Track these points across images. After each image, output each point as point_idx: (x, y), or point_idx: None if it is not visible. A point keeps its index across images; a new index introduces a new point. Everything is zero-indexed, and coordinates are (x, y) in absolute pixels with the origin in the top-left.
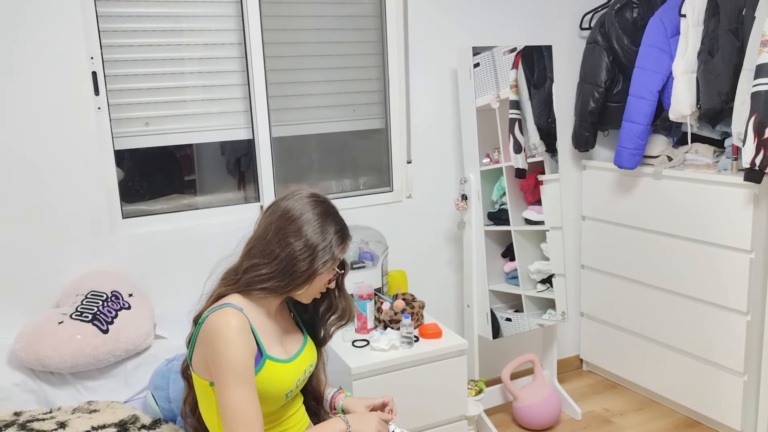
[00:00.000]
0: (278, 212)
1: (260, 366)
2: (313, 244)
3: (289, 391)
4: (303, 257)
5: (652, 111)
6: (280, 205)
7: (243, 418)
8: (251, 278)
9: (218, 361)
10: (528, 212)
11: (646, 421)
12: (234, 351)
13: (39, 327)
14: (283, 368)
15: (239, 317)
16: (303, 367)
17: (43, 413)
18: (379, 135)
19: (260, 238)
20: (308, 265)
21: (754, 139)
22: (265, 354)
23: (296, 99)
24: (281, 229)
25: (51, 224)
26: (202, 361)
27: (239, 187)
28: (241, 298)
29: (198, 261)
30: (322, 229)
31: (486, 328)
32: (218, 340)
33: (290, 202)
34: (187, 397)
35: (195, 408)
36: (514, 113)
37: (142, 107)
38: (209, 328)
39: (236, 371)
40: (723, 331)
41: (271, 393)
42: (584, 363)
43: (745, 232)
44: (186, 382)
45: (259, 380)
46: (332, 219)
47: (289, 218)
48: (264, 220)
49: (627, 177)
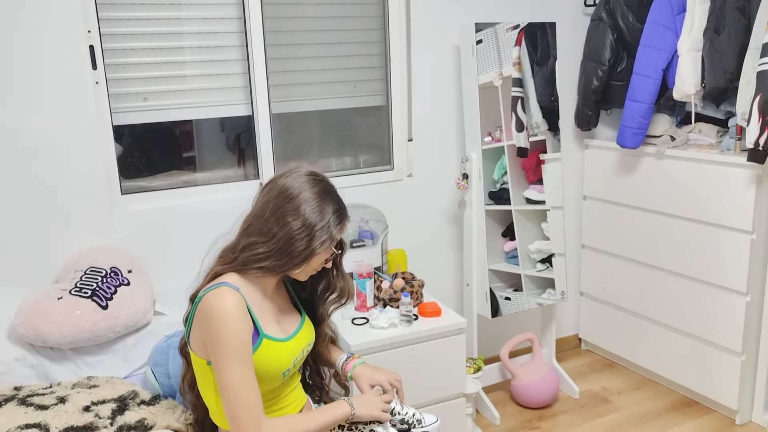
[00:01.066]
0: (276, 190)
1: (257, 345)
2: (311, 223)
3: (286, 370)
4: (300, 237)
5: (656, 90)
6: (278, 182)
7: (242, 398)
8: (248, 257)
9: (216, 341)
10: (529, 192)
11: (643, 400)
12: (231, 331)
13: (38, 303)
14: (281, 347)
15: (235, 297)
16: (300, 346)
17: (43, 388)
18: (380, 112)
19: (257, 216)
20: (306, 245)
21: (758, 119)
22: (262, 333)
23: (296, 75)
24: (279, 207)
25: (50, 200)
26: (199, 340)
27: (239, 163)
28: (237, 277)
29: (197, 238)
30: (321, 208)
31: (485, 307)
32: (215, 320)
33: (288, 180)
34: (185, 374)
35: (193, 385)
36: (516, 91)
37: (140, 82)
38: (206, 308)
39: (234, 351)
40: (722, 312)
41: (268, 372)
42: (583, 342)
43: (746, 212)
44: (184, 360)
45: (256, 359)
46: (330, 198)
47: (287, 197)
48: (261, 198)
49: (629, 156)
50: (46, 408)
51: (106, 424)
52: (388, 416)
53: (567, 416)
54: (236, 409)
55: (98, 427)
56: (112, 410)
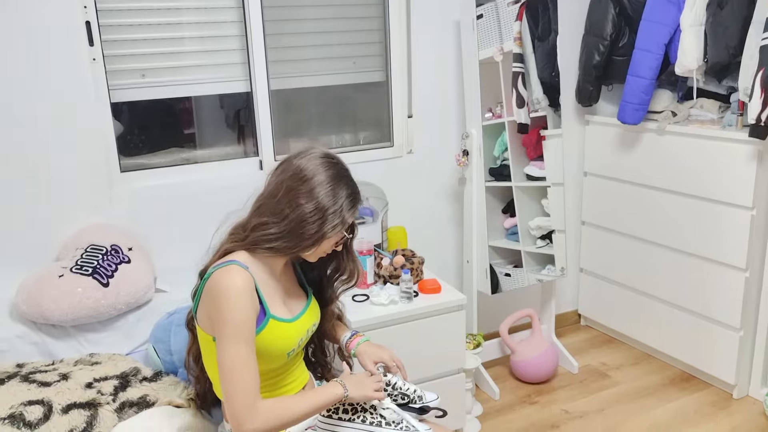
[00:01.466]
0: (290, 171)
1: (263, 325)
2: (324, 207)
3: (291, 350)
4: (312, 220)
5: (657, 65)
6: (293, 163)
7: (239, 377)
8: (259, 236)
9: (220, 318)
10: (530, 168)
11: (641, 375)
12: (236, 310)
13: (40, 280)
14: (286, 327)
15: (244, 276)
16: (306, 326)
17: (45, 365)
18: (380, 88)
19: (270, 196)
20: (317, 228)
21: (761, 95)
22: (269, 313)
23: (295, 51)
24: (292, 189)
25: (49, 178)
26: (206, 317)
27: (238, 141)
28: (247, 255)
29: (197, 215)
30: (334, 192)
31: (485, 284)
32: (222, 297)
33: (303, 161)
34: (190, 348)
35: (198, 358)
36: (517, 67)
37: (137, 59)
38: (214, 285)
39: (237, 330)
40: (721, 287)
41: (273, 351)
42: (582, 318)
43: (747, 188)
44: (190, 333)
45: (261, 339)
46: (344, 182)
47: (301, 178)
48: (275, 178)
49: (630, 132)
50: (48, 385)
51: (108, 401)
52: (382, 395)
53: (566, 391)
54: (233, 388)
55: (101, 404)
56: (114, 387)
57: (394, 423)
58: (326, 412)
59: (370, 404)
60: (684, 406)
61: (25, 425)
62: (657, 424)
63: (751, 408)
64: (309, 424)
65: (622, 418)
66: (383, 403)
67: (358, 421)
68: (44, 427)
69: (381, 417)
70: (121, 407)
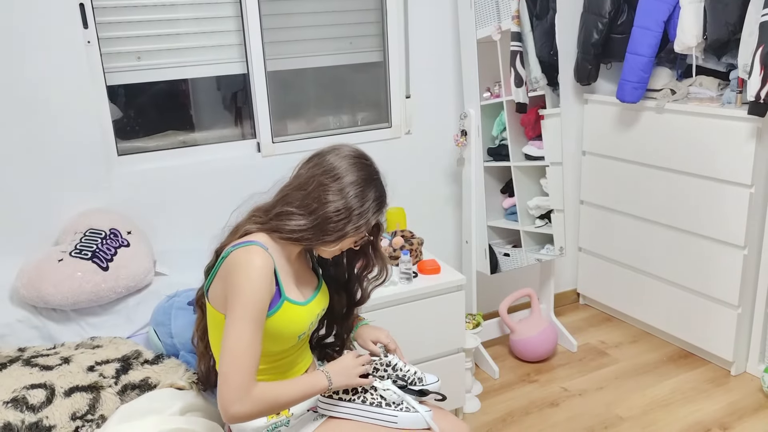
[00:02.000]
0: (323, 166)
1: (278, 306)
2: (351, 207)
3: (302, 333)
4: (338, 218)
5: (657, 42)
6: (326, 158)
7: (240, 356)
8: (281, 224)
9: (235, 296)
10: (528, 148)
11: (640, 353)
12: (252, 290)
13: (39, 265)
14: (299, 310)
15: (265, 257)
16: (316, 311)
17: (47, 349)
18: (377, 69)
19: (299, 188)
20: (341, 227)
21: (760, 72)
22: (284, 295)
23: (291, 31)
24: (322, 185)
25: (46, 162)
26: (221, 295)
27: (236, 123)
28: (267, 237)
29: (196, 198)
30: (363, 193)
31: (484, 264)
32: (240, 275)
33: (336, 159)
34: (198, 325)
35: (204, 336)
36: (515, 45)
37: (133, 41)
38: (233, 263)
39: (249, 310)
40: (719, 265)
41: (285, 333)
42: (581, 297)
43: (746, 166)
44: (199, 310)
45: (276, 320)
46: (374, 185)
47: (333, 176)
48: (306, 171)
49: (629, 111)
50: (50, 368)
51: (110, 383)
52: (368, 380)
53: (565, 369)
54: (231, 367)
55: (103, 387)
56: (116, 370)
57: (394, 404)
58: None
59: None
60: (682, 383)
61: (28, 408)
62: (655, 401)
63: (748, 384)
64: (310, 405)
65: (620, 395)
66: (384, 384)
67: (358, 401)
68: (47, 410)
69: (381, 398)
70: (123, 390)
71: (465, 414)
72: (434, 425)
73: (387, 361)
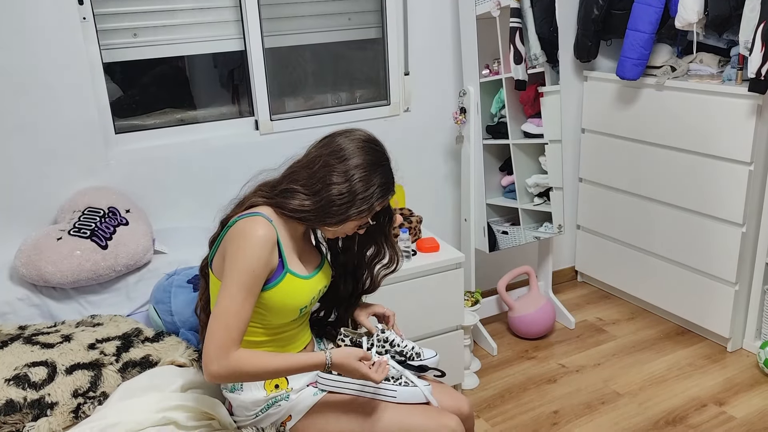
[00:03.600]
0: (331, 147)
1: (281, 278)
2: (354, 190)
3: (304, 306)
4: (340, 201)
5: (657, 18)
6: (336, 140)
7: (226, 320)
8: (285, 201)
9: (232, 261)
10: (527, 125)
11: (637, 330)
12: (250, 257)
13: (38, 243)
14: (301, 284)
15: (268, 228)
16: (318, 286)
17: (47, 327)
18: (376, 45)
19: (306, 166)
20: (344, 210)
21: (761, 48)
22: (287, 267)
23: (289, 7)
24: (328, 165)
25: (44, 140)
26: (222, 262)
27: (233, 101)
28: (272, 211)
29: (194, 176)
30: (368, 178)
31: (483, 242)
32: (241, 242)
33: (346, 141)
34: (202, 294)
35: (207, 305)
36: (515, 22)
37: (129, 17)
38: (236, 231)
39: (241, 276)
40: (717, 243)
41: (288, 305)
42: (579, 274)
43: (745, 144)
44: (203, 280)
45: (277, 291)
46: (381, 171)
47: (340, 157)
48: (316, 150)
49: (629, 88)
50: (51, 346)
51: (111, 361)
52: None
53: (563, 346)
54: (216, 328)
55: (104, 364)
56: (117, 347)
57: (393, 379)
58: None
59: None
60: (679, 359)
61: (30, 386)
62: (652, 377)
63: (744, 360)
64: (310, 380)
65: (617, 371)
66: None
67: None
68: (49, 387)
69: None
70: (125, 367)
71: (463, 390)
72: (433, 399)
73: (384, 337)
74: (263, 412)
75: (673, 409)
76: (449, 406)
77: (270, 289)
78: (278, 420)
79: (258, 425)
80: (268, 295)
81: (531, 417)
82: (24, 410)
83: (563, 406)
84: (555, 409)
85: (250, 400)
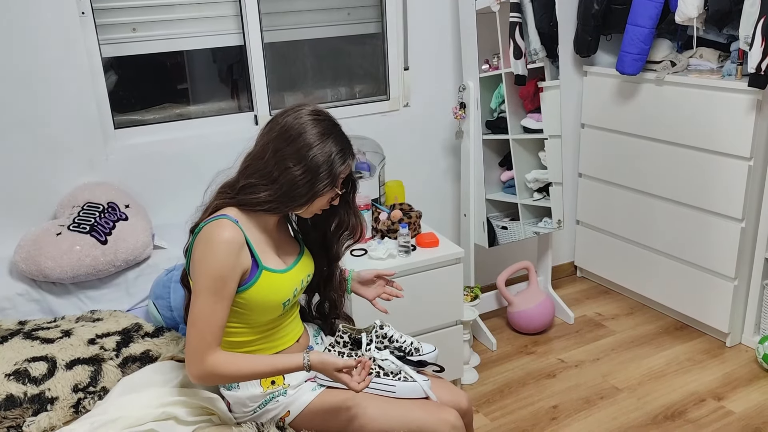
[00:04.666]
0: (276, 131)
1: (257, 277)
2: (313, 167)
3: (286, 301)
4: (303, 182)
5: (658, 13)
6: (279, 121)
7: (199, 327)
8: (247, 198)
9: (198, 267)
10: (527, 120)
11: (636, 325)
12: (215, 262)
13: (38, 238)
14: (280, 278)
15: (233, 230)
16: (300, 276)
17: (47, 322)
18: (375, 40)
19: (257, 157)
20: (308, 189)
21: (761, 43)
22: (261, 265)
23: (288, 2)
24: (279, 150)
25: (43, 136)
26: None
27: (232, 95)
28: (237, 210)
29: (193, 171)
30: (322, 150)
31: (482, 237)
32: (205, 249)
33: (289, 119)
34: (187, 304)
35: None
36: (514, 16)
37: (128, 12)
38: (202, 237)
39: (209, 281)
40: (717, 238)
41: (269, 302)
42: (578, 269)
43: (745, 139)
44: (185, 290)
45: (256, 290)
46: (333, 138)
47: (288, 138)
48: (261, 138)
49: (629, 83)
50: (51, 341)
51: (111, 356)
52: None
53: (562, 341)
54: (191, 335)
55: (104, 359)
56: (116, 342)
57: (392, 374)
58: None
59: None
60: (678, 354)
61: (30, 381)
62: (651, 372)
63: (743, 355)
64: (308, 376)
65: (616, 366)
66: (382, 354)
67: None
68: (49, 382)
69: (379, 368)
70: (125, 362)
71: (463, 385)
72: (432, 394)
73: (383, 333)
74: (261, 408)
75: (671, 403)
76: (448, 401)
77: (247, 289)
78: (277, 415)
79: (257, 421)
80: (246, 295)
81: (530, 412)
82: (24, 405)
83: (562, 400)
84: (554, 403)
85: (247, 396)
